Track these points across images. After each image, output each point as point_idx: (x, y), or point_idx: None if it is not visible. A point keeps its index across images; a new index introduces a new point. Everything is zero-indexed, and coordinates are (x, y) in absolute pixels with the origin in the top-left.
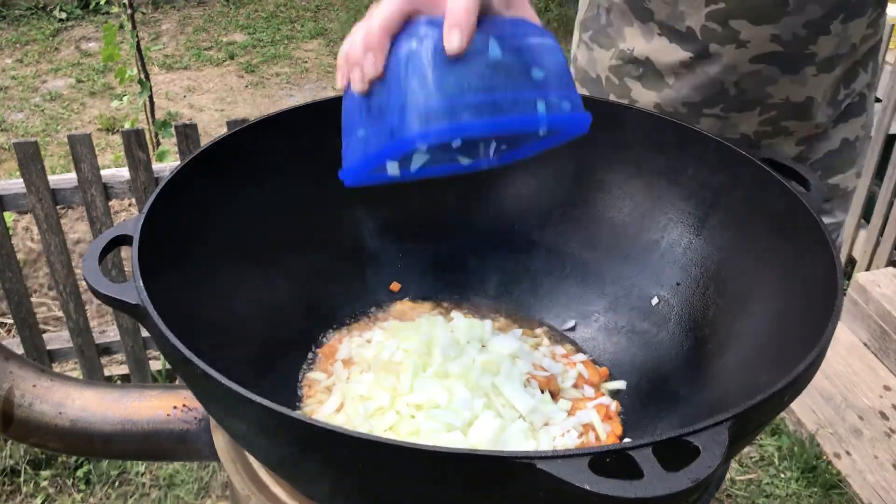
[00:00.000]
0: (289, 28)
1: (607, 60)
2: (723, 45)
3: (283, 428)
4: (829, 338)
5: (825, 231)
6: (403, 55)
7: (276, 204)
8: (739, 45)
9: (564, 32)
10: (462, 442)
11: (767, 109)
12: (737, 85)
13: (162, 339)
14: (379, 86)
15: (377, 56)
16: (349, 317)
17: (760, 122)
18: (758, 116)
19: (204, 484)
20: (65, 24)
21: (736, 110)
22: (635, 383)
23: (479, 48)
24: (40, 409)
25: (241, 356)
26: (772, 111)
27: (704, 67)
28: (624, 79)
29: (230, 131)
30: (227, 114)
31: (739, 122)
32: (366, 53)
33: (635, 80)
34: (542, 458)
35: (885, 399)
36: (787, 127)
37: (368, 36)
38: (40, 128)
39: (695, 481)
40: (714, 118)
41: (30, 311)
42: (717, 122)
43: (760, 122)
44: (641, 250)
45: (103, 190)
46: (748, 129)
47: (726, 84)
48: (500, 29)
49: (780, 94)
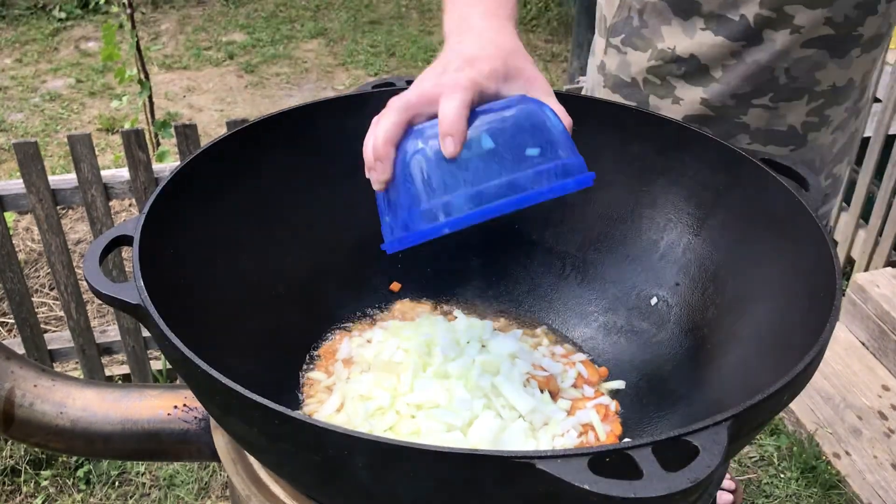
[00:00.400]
0: (288, 28)
1: (644, 62)
2: (776, 31)
3: (284, 428)
4: (827, 338)
5: (824, 231)
6: (408, 160)
7: (275, 204)
8: (793, 30)
9: (565, 32)
10: (462, 442)
11: (815, 98)
12: (787, 72)
13: (162, 338)
14: (392, 186)
15: (385, 164)
16: (349, 317)
17: (808, 112)
18: (805, 105)
19: (204, 484)
20: (64, 23)
21: (785, 99)
22: (635, 383)
23: (472, 144)
24: (41, 408)
25: (241, 356)
26: (819, 99)
27: (755, 56)
28: (666, 78)
29: (230, 131)
30: (227, 114)
31: (787, 112)
32: (375, 162)
33: (678, 79)
34: (541, 458)
35: (884, 399)
36: (828, 116)
37: (375, 147)
38: (40, 128)
39: (694, 481)
40: (762, 108)
41: (31, 311)
42: (765, 113)
43: (808, 111)
44: (641, 250)
45: (104, 190)
46: (795, 120)
47: (777, 71)
48: (492, 118)
49: (828, 80)
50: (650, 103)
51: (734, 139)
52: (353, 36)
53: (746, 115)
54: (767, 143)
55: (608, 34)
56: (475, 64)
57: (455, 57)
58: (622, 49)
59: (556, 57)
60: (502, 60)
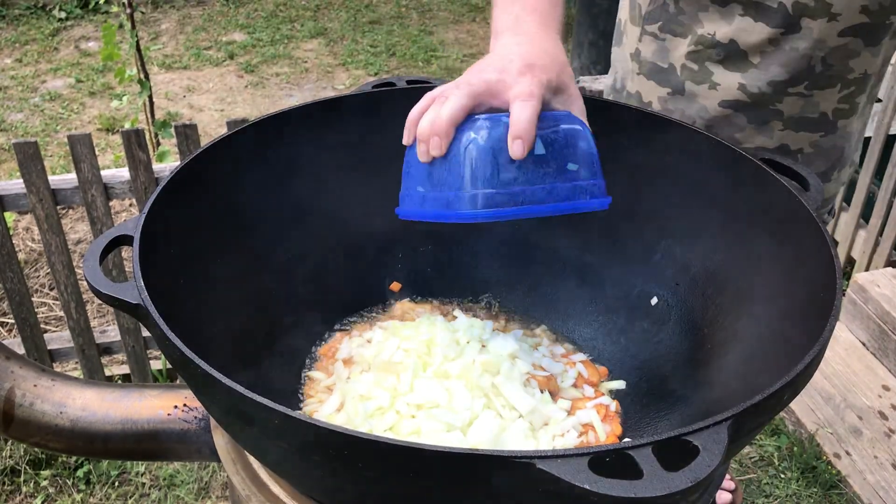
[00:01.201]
0: (288, 28)
1: (684, 48)
2: (814, 19)
3: (284, 428)
4: (827, 338)
5: (825, 231)
6: (464, 145)
7: (276, 204)
8: (831, 18)
9: (565, 32)
10: (462, 442)
11: (847, 85)
12: (823, 60)
13: (162, 338)
14: (440, 161)
15: (442, 141)
16: (349, 316)
17: (839, 99)
18: (838, 93)
19: (204, 484)
20: (64, 23)
21: (819, 87)
22: (635, 383)
23: None
24: (41, 408)
25: (241, 356)
26: (851, 87)
27: (793, 43)
28: (705, 63)
29: (230, 131)
30: (227, 114)
31: (821, 100)
32: (432, 137)
33: (717, 64)
34: (541, 458)
35: (885, 399)
36: (858, 103)
37: (437, 122)
38: (40, 128)
39: (694, 481)
40: (797, 96)
41: (31, 311)
42: (800, 101)
43: (839, 98)
44: (641, 250)
45: (104, 190)
46: (827, 108)
47: (813, 60)
48: (547, 126)
49: (860, 68)
50: (686, 89)
51: (767, 126)
52: (353, 36)
53: (781, 103)
54: (799, 129)
55: (643, 22)
56: (535, 71)
57: (516, 57)
58: (660, 36)
59: None
60: (556, 73)
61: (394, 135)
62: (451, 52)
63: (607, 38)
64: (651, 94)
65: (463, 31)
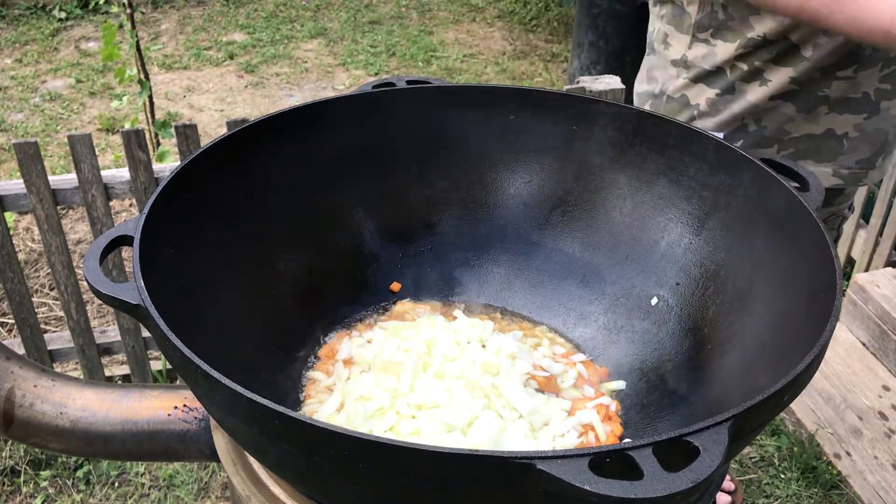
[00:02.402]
0: (288, 28)
1: (733, 50)
2: None
3: (284, 428)
4: (828, 338)
5: (825, 231)
6: None
7: (276, 204)
8: None
9: (565, 32)
10: (462, 442)
11: (889, 63)
12: None
13: (163, 339)
14: None
15: None
16: (349, 317)
17: (880, 78)
18: (879, 72)
19: (204, 484)
20: (64, 23)
21: (864, 69)
22: (635, 383)
23: None
24: (41, 409)
25: (241, 356)
26: (892, 65)
27: None
28: (754, 63)
29: (230, 131)
30: (227, 114)
31: (863, 81)
32: None
33: (768, 62)
34: (542, 459)
35: (885, 399)
36: None
37: None
38: (40, 128)
39: (695, 481)
40: (844, 80)
41: (31, 312)
42: (844, 84)
43: (881, 77)
44: (641, 250)
45: (104, 190)
46: (869, 87)
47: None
48: None
49: None
50: (736, 89)
51: (814, 112)
52: (353, 36)
53: (830, 88)
54: (843, 111)
55: (694, 30)
56: None
57: None
58: (711, 42)
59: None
60: None
61: (394, 134)
62: (451, 52)
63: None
64: (699, 96)
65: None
